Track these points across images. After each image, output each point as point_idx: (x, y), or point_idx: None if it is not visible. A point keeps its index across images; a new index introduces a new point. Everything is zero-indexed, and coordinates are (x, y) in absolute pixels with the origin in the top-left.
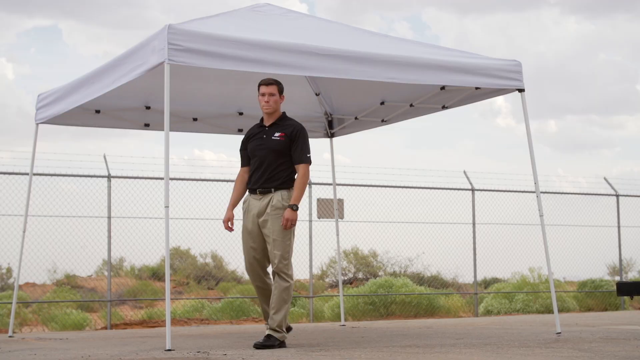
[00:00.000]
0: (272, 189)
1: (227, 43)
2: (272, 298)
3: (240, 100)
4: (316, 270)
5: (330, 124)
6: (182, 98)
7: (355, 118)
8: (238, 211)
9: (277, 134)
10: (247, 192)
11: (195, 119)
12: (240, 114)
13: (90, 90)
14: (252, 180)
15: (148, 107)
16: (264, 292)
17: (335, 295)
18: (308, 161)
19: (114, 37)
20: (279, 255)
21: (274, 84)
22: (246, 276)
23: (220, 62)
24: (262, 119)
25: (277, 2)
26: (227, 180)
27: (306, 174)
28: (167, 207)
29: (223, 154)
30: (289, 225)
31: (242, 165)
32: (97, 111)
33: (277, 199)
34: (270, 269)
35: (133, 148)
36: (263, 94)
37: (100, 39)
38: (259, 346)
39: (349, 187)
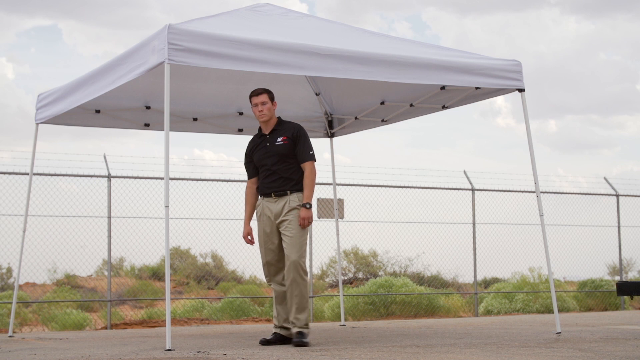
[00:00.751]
0: (288, 192)
1: (227, 43)
2: (294, 299)
3: (240, 100)
4: (316, 270)
5: (330, 124)
6: (182, 98)
7: (355, 118)
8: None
9: (279, 139)
10: (259, 197)
11: (195, 119)
12: (240, 113)
13: (90, 90)
14: (265, 185)
15: (148, 107)
16: (280, 293)
17: (335, 295)
18: (312, 158)
19: (114, 37)
20: (296, 253)
21: (264, 93)
22: (246, 276)
23: (220, 61)
24: (260, 129)
25: (277, 2)
26: (227, 180)
27: (313, 171)
28: (167, 207)
29: (223, 154)
30: (307, 224)
31: (249, 177)
32: (97, 111)
33: (293, 200)
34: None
35: (133, 148)
36: (256, 105)
37: (101, 39)
38: (297, 344)
39: (349, 187)
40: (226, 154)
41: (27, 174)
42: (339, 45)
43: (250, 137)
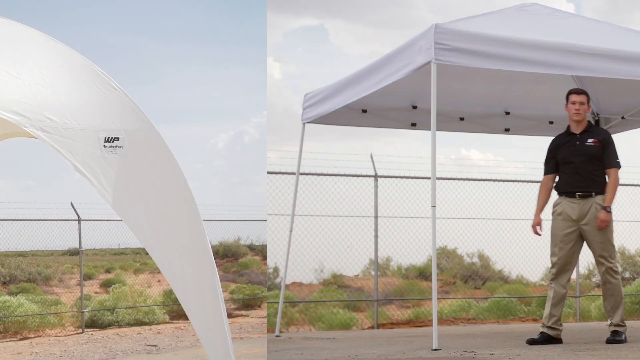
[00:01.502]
0: (593, 194)
1: (493, 42)
2: (609, 299)
3: (507, 100)
4: (583, 270)
5: (597, 124)
6: (448, 97)
7: (622, 117)
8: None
9: (590, 140)
10: (558, 196)
11: (461, 119)
12: (507, 113)
13: (356, 90)
14: (568, 184)
15: (414, 107)
16: (559, 294)
17: (599, 295)
18: (618, 166)
19: (380, 37)
20: (608, 255)
21: (584, 94)
22: (513, 276)
23: (486, 61)
24: (568, 127)
25: (544, 2)
26: (494, 180)
27: (617, 178)
28: (434, 206)
29: (490, 154)
30: (604, 227)
31: (546, 173)
32: (364, 111)
33: (599, 203)
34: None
35: (400, 148)
36: (574, 102)
37: (367, 39)
38: (610, 341)
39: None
40: (493, 153)
41: (294, 173)
42: (606, 44)
43: (518, 137)
